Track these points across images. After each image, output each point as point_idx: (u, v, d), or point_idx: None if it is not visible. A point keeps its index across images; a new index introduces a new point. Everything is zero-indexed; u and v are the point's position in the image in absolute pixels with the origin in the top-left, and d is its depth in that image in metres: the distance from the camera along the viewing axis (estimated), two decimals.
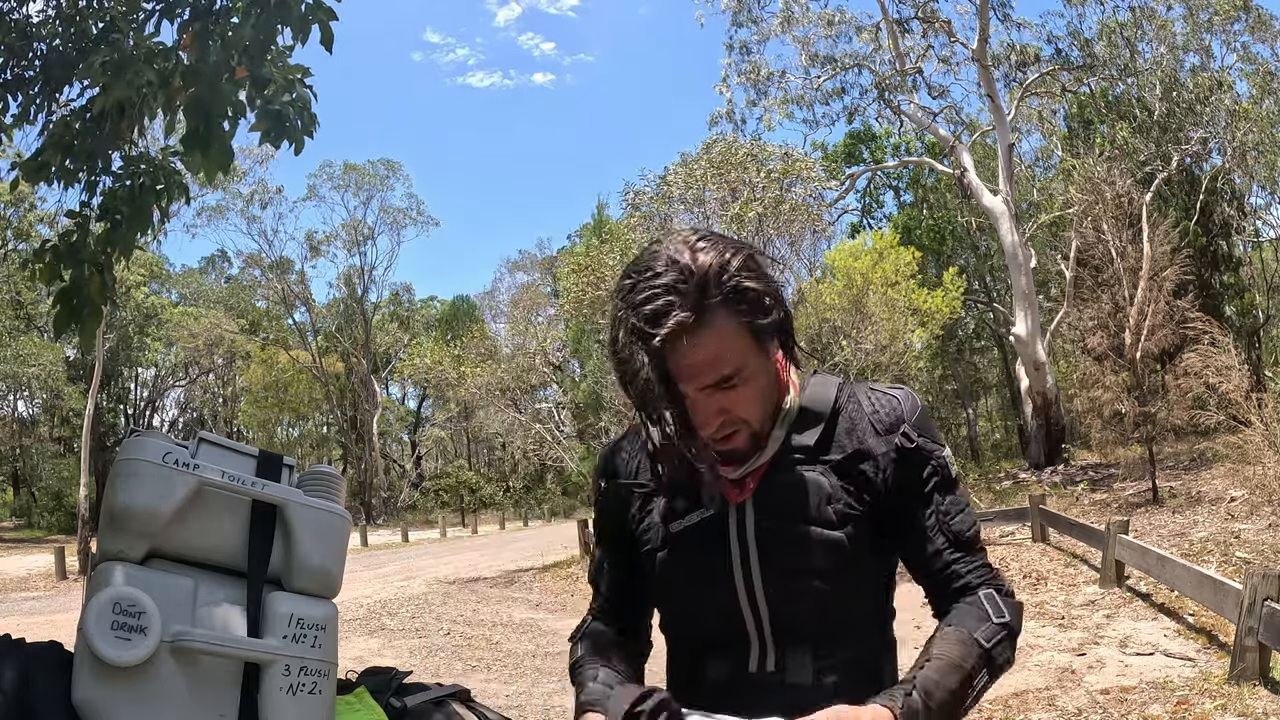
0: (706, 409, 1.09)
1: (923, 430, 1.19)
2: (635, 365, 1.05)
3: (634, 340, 1.04)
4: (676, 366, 1.05)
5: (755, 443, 1.16)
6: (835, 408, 1.20)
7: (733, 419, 1.11)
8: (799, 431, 1.19)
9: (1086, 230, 14.57)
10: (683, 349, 1.03)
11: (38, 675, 1.07)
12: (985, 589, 1.15)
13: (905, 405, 1.20)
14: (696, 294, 1.04)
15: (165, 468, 1.13)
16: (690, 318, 1.03)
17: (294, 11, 3.04)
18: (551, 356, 27.52)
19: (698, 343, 1.04)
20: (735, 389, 1.09)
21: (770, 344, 1.12)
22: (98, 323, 3.59)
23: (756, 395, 1.12)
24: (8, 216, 22.32)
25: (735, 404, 1.10)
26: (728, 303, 1.05)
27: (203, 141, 3.18)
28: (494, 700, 5.81)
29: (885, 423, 1.18)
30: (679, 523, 1.21)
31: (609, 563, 1.33)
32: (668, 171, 14.40)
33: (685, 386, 1.07)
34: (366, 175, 38.79)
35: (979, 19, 19.80)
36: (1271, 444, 9.51)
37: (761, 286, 1.08)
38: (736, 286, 1.06)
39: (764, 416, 1.15)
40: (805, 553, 1.15)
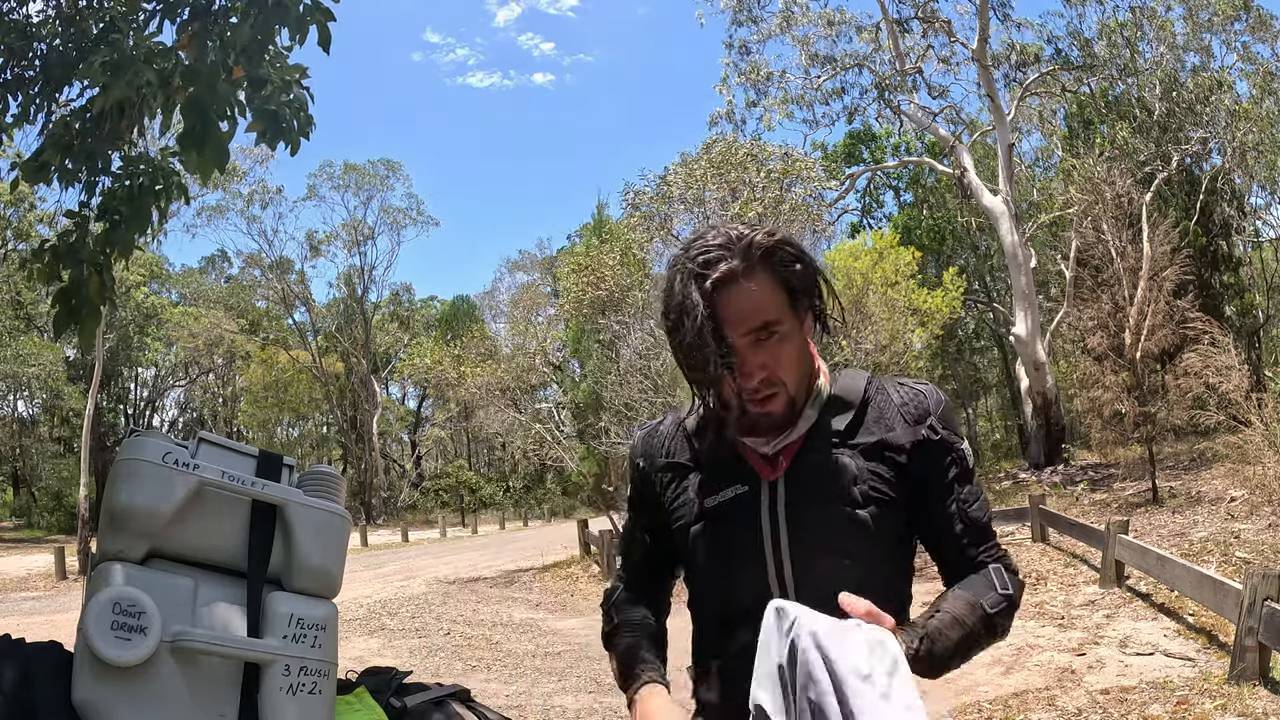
0: (750, 360, 1.19)
1: (947, 423, 1.28)
2: (690, 306, 1.16)
3: (690, 283, 1.17)
4: (725, 311, 1.16)
5: (790, 411, 1.24)
6: (865, 397, 1.29)
7: (772, 378, 1.20)
8: (830, 417, 1.27)
9: (1086, 230, 14.57)
10: (730, 293, 1.16)
11: (38, 675, 1.07)
12: (994, 564, 1.25)
13: (931, 399, 1.29)
14: (744, 251, 1.18)
15: (165, 468, 1.13)
16: (740, 265, 1.17)
17: (292, 12, 3.04)
18: (551, 356, 27.52)
19: (743, 289, 1.17)
20: (774, 343, 1.19)
21: (803, 312, 1.23)
22: (97, 323, 3.59)
23: (793, 357, 1.22)
24: (8, 216, 22.31)
25: (775, 361, 1.20)
26: (768, 261, 1.19)
27: (199, 141, 3.18)
28: (494, 700, 5.81)
29: (913, 414, 1.27)
30: (713, 498, 1.28)
31: (641, 535, 1.43)
32: (668, 171, 14.40)
33: (731, 333, 1.17)
34: (366, 175, 38.78)
35: (979, 19, 19.79)
36: (1271, 444, 9.51)
37: (796, 253, 1.22)
38: (776, 249, 1.20)
39: (798, 383, 1.24)
40: (832, 531, 1.22)
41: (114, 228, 3.46)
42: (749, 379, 1.19)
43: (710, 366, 1.17)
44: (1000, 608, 1.21)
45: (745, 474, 1.27)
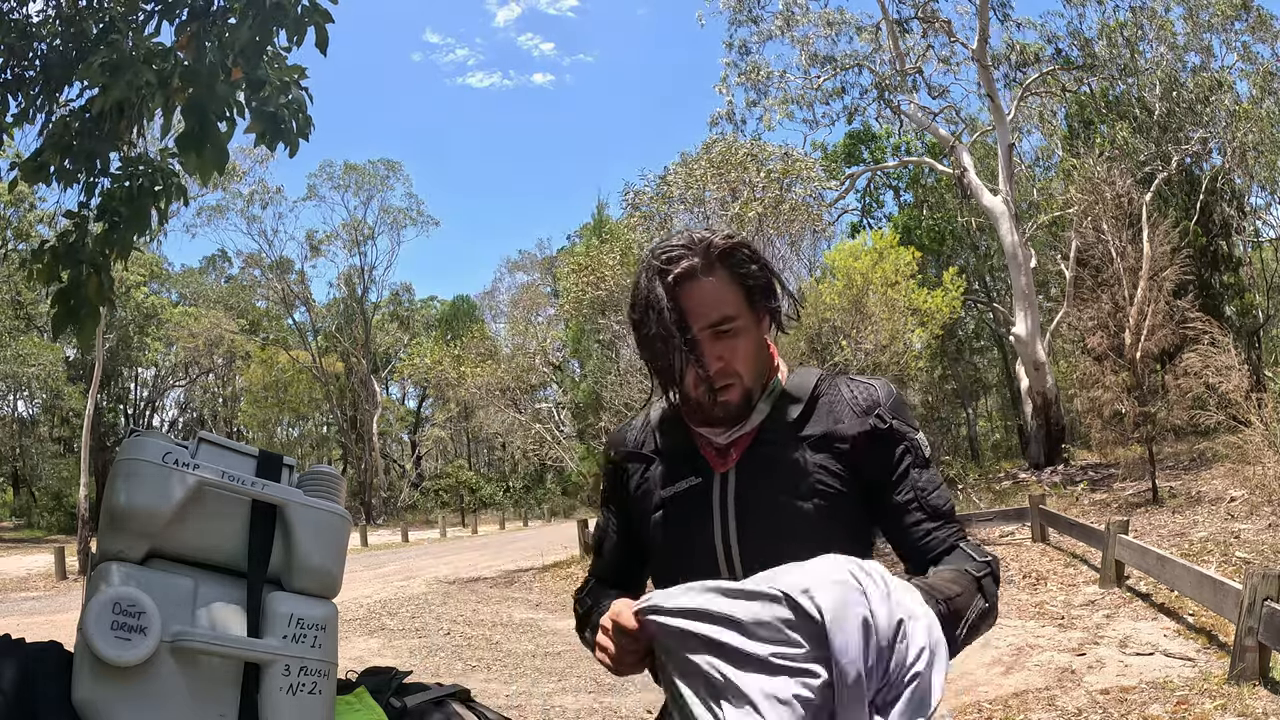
0: (709, 352, 1.25)
1: (897, 414, 1.30)
2: (655, 300, 1.24)
3: (654, 279, 1.24)
4: (686, 305, 1.24)
5: (746, 403, 1.28)
6: (815, 392, 1.33)
7: (729, 369, 1.26)
8: (781, 411, 1.32)
9: (1086, 230, 14.57)
10: (691, 288, 1.24)
11: (38, 675, 1.07)
12: (963, 542, 1.27)
13: (881, 392, 1.32)
14: (704, 250, 1.26)
15: (165, 468, 1.13)
16: (699, 263, 1.25)
17: (290, 13, 3.04)
18: (551, 356, 27.52)
19: (703, 284, 1.24)
20: (732, 338, 1.26)
21: (760, 310, 1.30)
22: (96, 323, 3.59)
23: (750, 352, 1.28)
24: (8, 216, 22.31)
25: (732, 353, 1.26)
26: (726, 260, 1.26)
27: (198, 142, 3.18)
28: (494, 700, 5.81)
29: (861, 407, 1.30)
30: (669, 489, 1.34)
31: (612, 528, 1.46)
32: (668, 171, 14.40)
33: (692, 325, 1.24)
34: (366, 175, 38.78)
35: (979, 19, 19.79)
36: (1271, 444, 9.51)
37: (752, 255, 1.29)
38: (734, 250, 1.27)
39: (755, 377, 1.29)
40: (778, 520, 1.26)
41: (113, 228, 3.46)
42: (711, 369, 1.25)
43: (673, 356, 1.24)
44: (985, 574, 1.22)
45: (699, 466, 1.32)
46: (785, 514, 1.26)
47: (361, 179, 38.71)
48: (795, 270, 15.36)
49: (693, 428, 1.34)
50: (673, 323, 1.23)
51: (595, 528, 1.52)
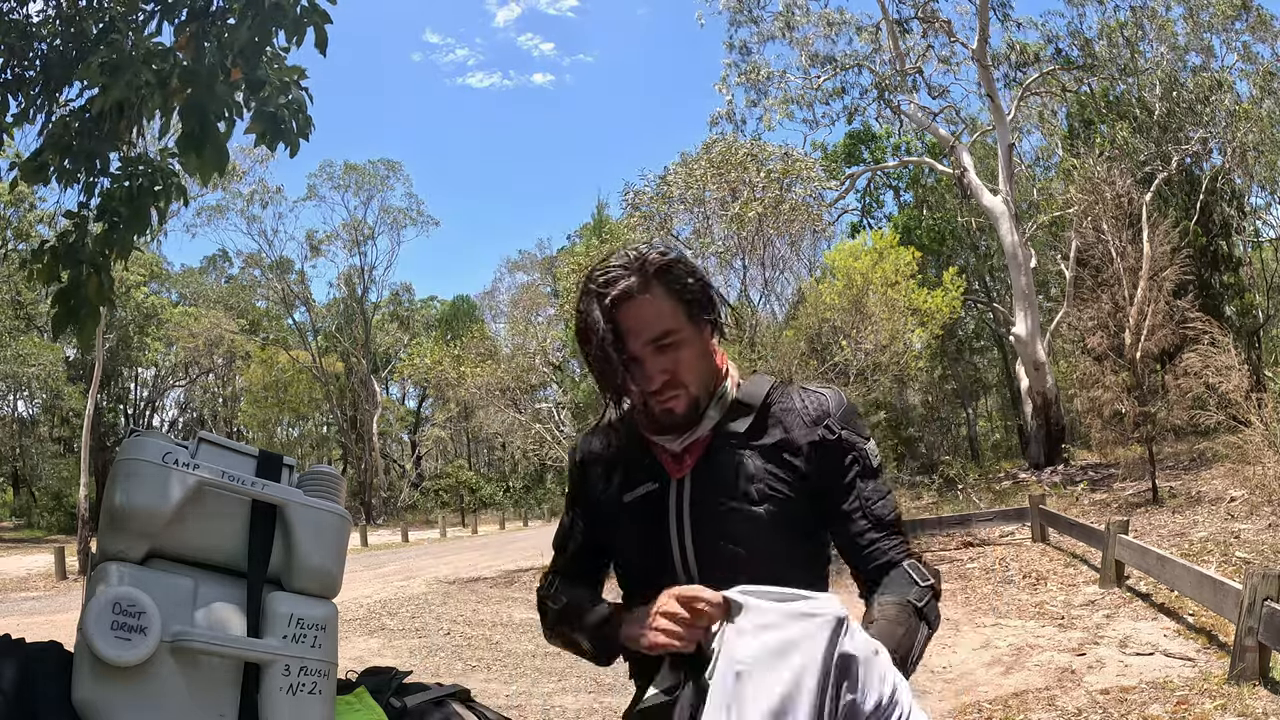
0: (652, 366, 1.29)
1: (846, 424, 1.34)
2: (594, 323, 1.28)
3: (593, 302, 1.29)
4: (625, 324, 1.28)
5: (694, 410, 1.33)
6: (766, 401, 1.37)
7: (674, 381, 1.30)
8: (733, 419, 1.36)
9: (1086, 230, 14.56)
10: (629, 308, 1.28)
11: (38, 675, 1.06)
12: (908, 560, 1.31)
13: (831, 403, 1.36)
14: (639, 270, 1.29)
15: (165, 468, 1.13)
16: (635, 283, 1.28)
17: (289, 14, 3.04)
18: (551, 356, 27.53)
19: (640, 303, 1.28)
20: (674, 350, 1.30)
21: (700, 321, 1.33)
22: (96, 323, 3.59)
23: (693, 361, 1.32)
24: (8, 216, 22.31)
25: (675, 365, 1.30)
26: (663, 277, 1.30)
27: (198, 143, 3.18)
28: (494, 700, 5.81)
29: (811, 416, 1.35)
30: (630, 494, 1.39)
31: (577, 529, 1.50)
32: (668, 171, 14.39)
33: (633, 344, 1.29)
34: (367, 175, 38.77)
35: (979, 19, 19.79)
36: (1271, 444, 9.51)
37: (688, 270, 1.33)
38: (670, 266, 1.31)
39: (700, 385, 1.33)
40: (730, 526, 1.31)
41: (113, 228, 3.46)
42: (652, 383, 1.30)
43: (616, 375, 1.29)
44: (926, 600, 1.27)
45: (657, 472, 1.37)
46: (738, 519, 1.30)
47: (361, 179, 38.71)
48: (795, 270, 15.37)
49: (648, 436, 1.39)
50: (611, 345, 1.27)
51: (559, 527, 1.55)
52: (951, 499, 15.33)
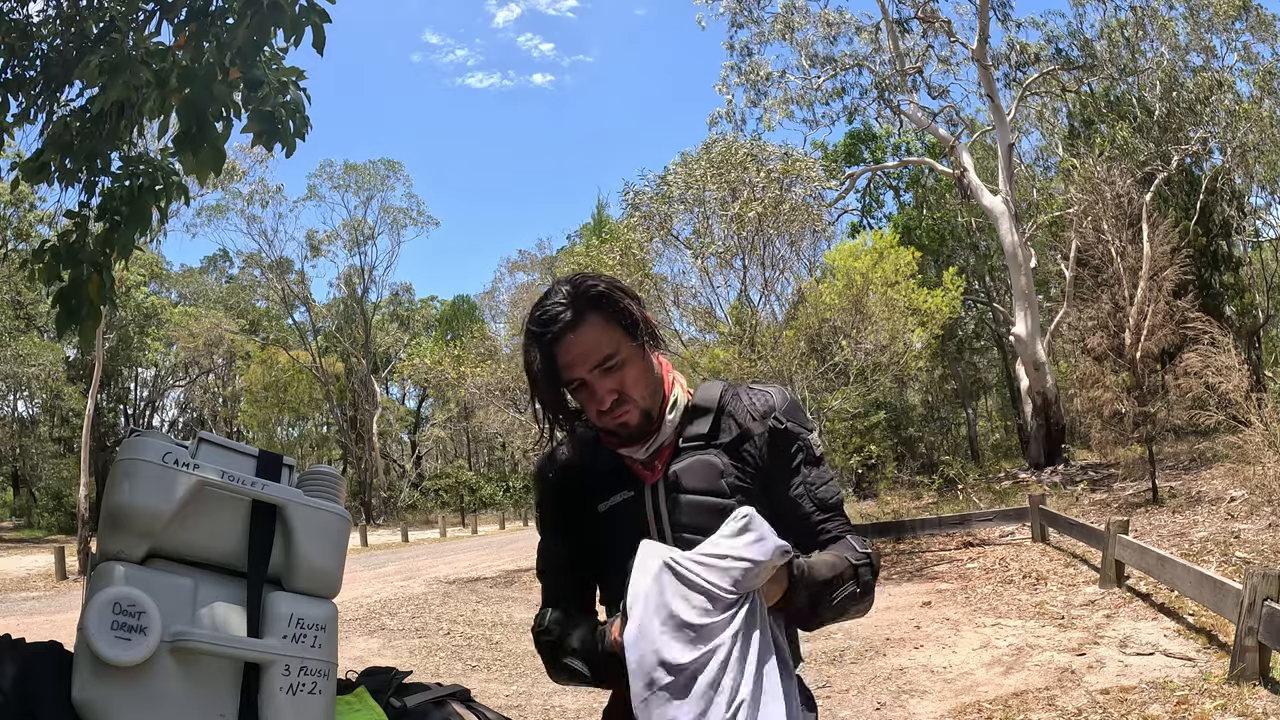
0: (600, 388, 1.37)
1: (791, 416, 1.45)
2: (531, 362, 1.37)
3: (533, 344, 1.37)
4: (567, 358, 1.36)
5: (647, 420, 1.41)
6: (721, 403, 1.47)
7: (623, 397, 1.38)
8: (692, 423, 1.46)
9: (1086, 230, 14.56)
10: (569, 341, 1.36)
11: (38, 675, 1.07)
12: (851, 535, 1.43)
13: (776, 398, 1.47)
14: (573, 302, 1.36)
15: (165, 468, 1.13)
16: (570, 315, 1.35)
17: (287, 13, 3.04)
18: None
19: (579, 335, 1.35)
20: (618, 370, 1.37)
21: (641, 337, 1.40)
22: (97, 323, 3.58)
23: (639, 376, 1.39)
24: (8, 216, 22.29)
25: (622, 384, 1.38)
26: (598, 305, 1.37)
27: (194, 143, 3.18)
28: (494, 700, 5.81)
29: (760, 411, 1.45)
30: (605, 504, 1.45)
31: (558, 548, 1.52)
32: (668, 171, 14.37)
33: (580, 371, 1.36)
34: (367, 175, 38.73)
35: (979, 19, 19.78)
36: (1271, 444, 9.51)
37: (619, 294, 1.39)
38: (604, 295, 1.38)
39: (649, 395, 1.41)
40: (703, 517, 1.38)
41: (114, 228, 3.46)
42: (602, 404, 1.37)
43: (563, 408, 1.43)
44: (863, 561, 1.37)
45: (630, 480, 1.45)
46: (711, 512, 1.38)
47: (361, 179, 38.68)
48: (795, 270, 15.35)
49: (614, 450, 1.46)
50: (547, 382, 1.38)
51: (539, 553, 1.55)
52: (951, 499, 15.32)
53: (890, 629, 6.87)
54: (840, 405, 12.78)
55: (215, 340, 37.14)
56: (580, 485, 1.49)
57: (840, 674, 5.84)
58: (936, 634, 6.68)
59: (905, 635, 6.72)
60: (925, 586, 8.82)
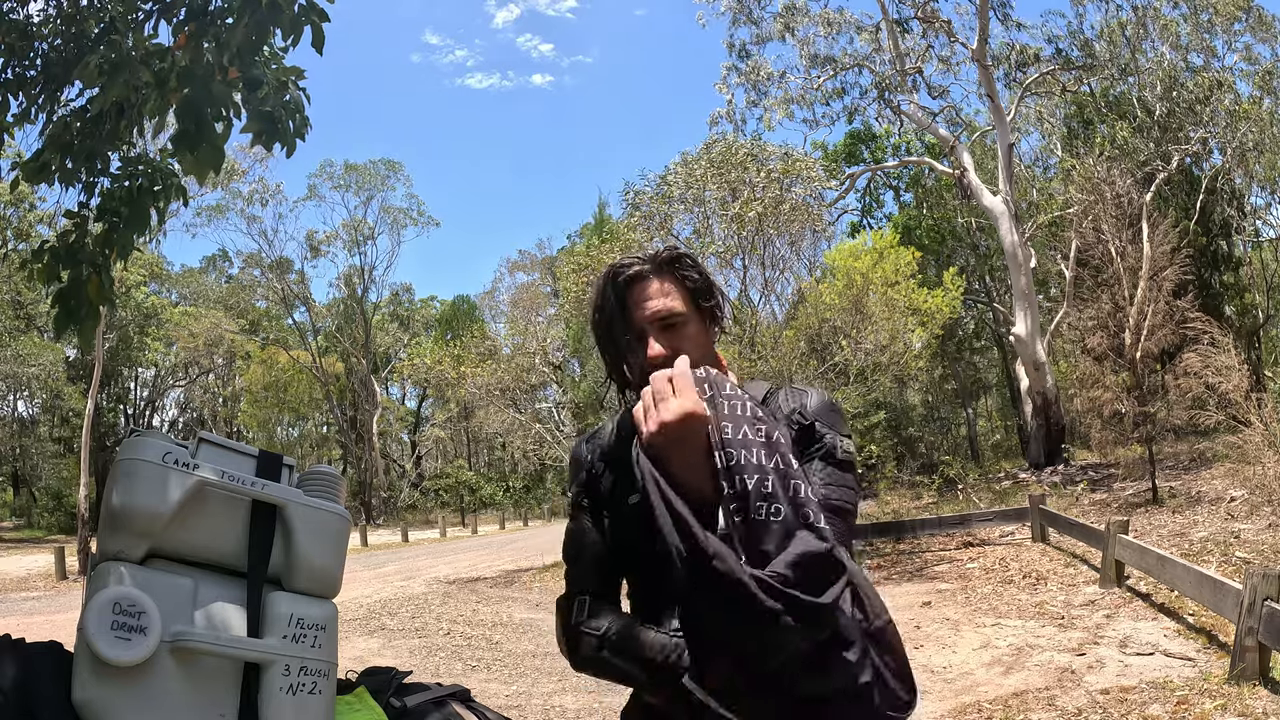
0: (656, 340, 1.39)
1: (819, 415, 1.43)
2: (605, 297, 1.43)
3: (607, 283, 1.44)
4: (633, 298, 1.42)
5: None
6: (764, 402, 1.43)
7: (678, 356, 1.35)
8: None
9: (1086, 230, 14.56)
10: (638, 287, 1.43)
11: (38, 675, 1.06)
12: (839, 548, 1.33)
13: (812, 399, 1.45)
14: (650, 259, 1.45)
15: (165, 468, 1.13)
16: (647, 268, 1.44)
17: (286, 13, 3.03)
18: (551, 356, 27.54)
19: (650, 283, 1.43)
20: (677, 330, 1.40)
21: (703, 312, 1.45)
22: (96, 323, 3.58)
23: (692, 344, 1.40)
24: (8, 216, 22.29)
25: (678, 343, 1.39)
26: (671, 266, 1.44)
27: (193, 142, 3.17)
28: (494, 700, 5.81)
29: (789, 410, 1.44)
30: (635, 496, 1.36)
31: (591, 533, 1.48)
32: (668, 171, 14.38)
33: (639, 315, 1.41)
34: (367, 175, 38.74)
35: (979, 19, 19.78)
36: (1271, 444, 9.51)
37: (694, 263, 1.47)
38: (678, 259, 1.46)
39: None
40: None
41: (113, 228, 3.46)
42: (657, 356, 1.37)
43: (618, 347, 1.43)
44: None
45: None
46: None
47: (362, 179, 38.69)
48: (795, 270, 15.36)
49: None
50: (618, 314, 1.42)
51: (569, 536, 1.50)
52: (951, 499, 15.32)
53: None
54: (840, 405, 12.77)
55: (215, 340, 37.14)
56: (614, 474, 1.46)
57: None
58: (936, 634, 6.67)
59: (905, 635, 6.69)
60: (925, 586, 8.82)
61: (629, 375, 1.44)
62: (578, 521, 1.50)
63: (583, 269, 14.67)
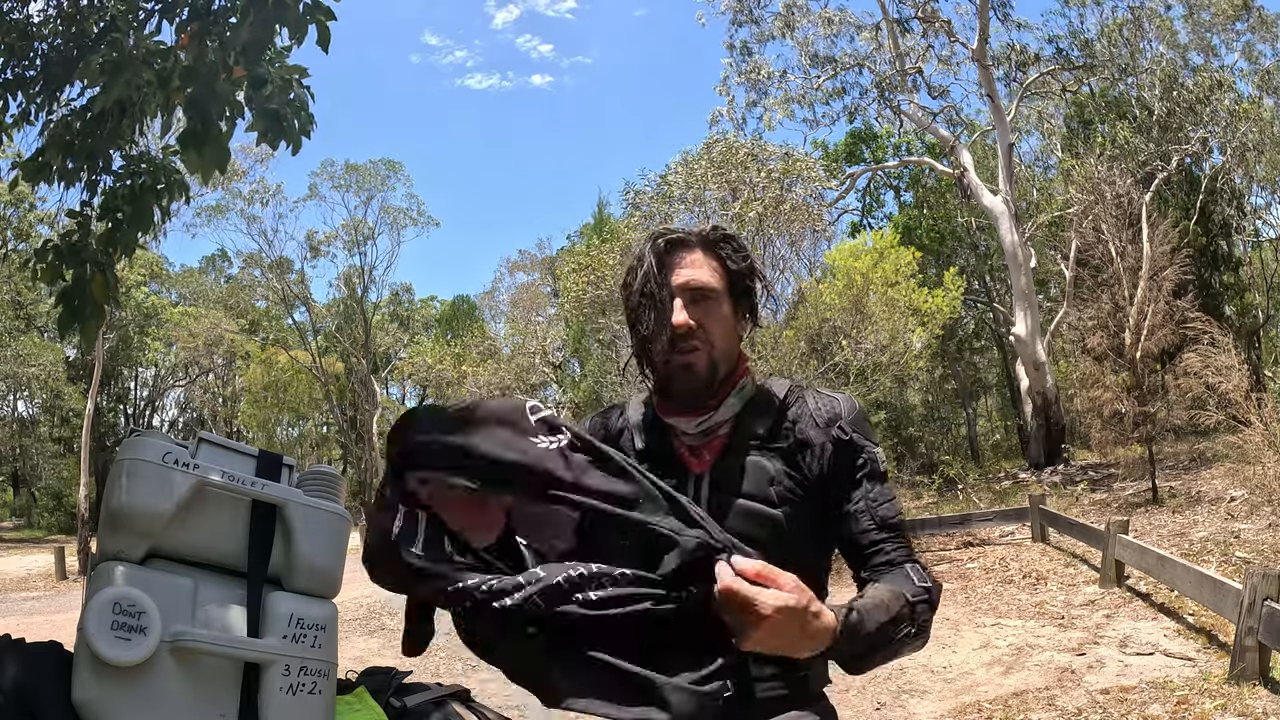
0: (685, 310, 1.36)
1: (856, 427, 1.38)
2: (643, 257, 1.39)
3: (647, 246, 1.40)
4: (672, 264, 1.38)
5: (711, 375, 1.37)
6: (785, 403, 1.42)
7: (700, 330, 1.36)
8: (752, 418, 1.40)
9: (1086, 230, 14.55)
10: (677, 255, 1.39)
11: (38, 675, 1.06)
12: (910, 563, 1.31)
13: (844, 406, 1.40)
14: (696, 234, 1.42)
15: (165, 468, 1.13)
16: (693, 238, 1.41)
17: (291, 11, 3.03)
18: (551, 356, 27.54)
19: (690, 254, 1.40)
20: (708, 305, 1.37)
21: (736, 295, 1.42)
22: (101, 322, 3.58)
23: (720, 323, 1.38)
24: (8, 217, 22.28)
25: (705, 319, 1.36)
26: (713, 245, 1.42)
27: (199, 141, 3.18)
28: (494, 700, 5.80)
29: (824, 418, 1.38)
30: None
31: None
32: (669, 170, 14.38)
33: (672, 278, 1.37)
34: (367, 175, 38.69)
35: (979, 19, 19.78)
36: (1271, 444, 9.50)
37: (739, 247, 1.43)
38: (724, 240, 1.43)
39: (723, 352, 1.39)
40: (748, 525, 1.31)
41: (116, 227, 3.46)
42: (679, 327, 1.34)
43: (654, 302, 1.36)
44: (921, 599, 1.25)
45: (675, 469, 1.39)
46: (754, 519, 1.32)
47: (362, 179, 38.64)
48: (795, 270, 15.35)
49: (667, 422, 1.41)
50: (654, 277, 1.36)
51: None
52: (951, 499, 15.32)
53: None
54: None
55: (215, 340, 37.11)
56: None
57: (840, 674, 5.83)
58: (936, 634, 6.64)
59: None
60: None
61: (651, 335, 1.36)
62: None
63: (583, 269, 14.67)
